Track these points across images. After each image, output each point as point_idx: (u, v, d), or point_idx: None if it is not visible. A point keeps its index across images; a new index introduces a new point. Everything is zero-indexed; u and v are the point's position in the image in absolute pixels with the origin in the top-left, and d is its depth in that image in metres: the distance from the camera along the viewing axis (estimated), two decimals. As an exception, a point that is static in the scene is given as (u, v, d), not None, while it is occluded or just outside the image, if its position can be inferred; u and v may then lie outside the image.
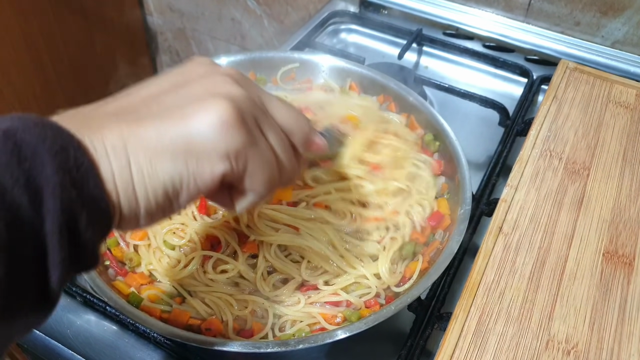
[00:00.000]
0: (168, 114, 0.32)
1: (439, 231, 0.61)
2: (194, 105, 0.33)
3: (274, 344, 0.48)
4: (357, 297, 0.56)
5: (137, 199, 0.31)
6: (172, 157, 0.31)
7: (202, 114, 0.32)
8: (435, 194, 0.65)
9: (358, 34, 1.02)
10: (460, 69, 0.95)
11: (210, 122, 0.32)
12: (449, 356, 0.50)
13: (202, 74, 0.36)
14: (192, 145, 0.32)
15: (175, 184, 0.32)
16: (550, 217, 0.61)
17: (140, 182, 0.31)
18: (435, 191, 0.65)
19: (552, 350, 0.50)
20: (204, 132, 0.32)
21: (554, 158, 0.68)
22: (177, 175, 0.32)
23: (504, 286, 0.55)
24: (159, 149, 0.31)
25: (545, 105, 0.75)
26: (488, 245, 0.58)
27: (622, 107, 0.75)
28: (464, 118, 0.85)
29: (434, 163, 0.67)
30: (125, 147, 0.30)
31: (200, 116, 0.32)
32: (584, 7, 0.89)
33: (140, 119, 0.32)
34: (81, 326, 0.58)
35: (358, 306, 0.56)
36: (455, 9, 0.99)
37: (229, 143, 0.33)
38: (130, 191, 0.31)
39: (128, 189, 0.31)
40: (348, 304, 0.56)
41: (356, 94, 0.76)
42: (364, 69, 0.75)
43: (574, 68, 0.82)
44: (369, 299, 0.56)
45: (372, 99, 0.75)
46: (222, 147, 0.32)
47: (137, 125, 0.31)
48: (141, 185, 0.31)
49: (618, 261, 0.57)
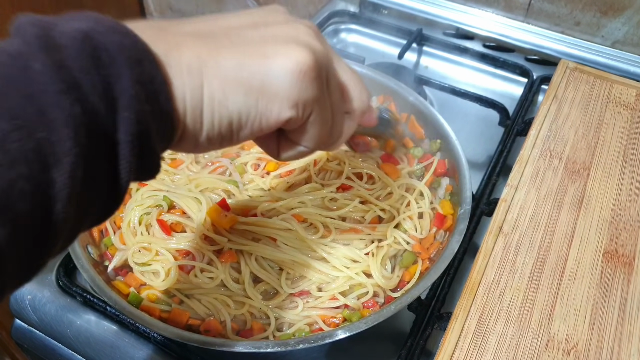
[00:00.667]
0: (249, 49, 0.32)
1: (440, 231, 0.61)
2: (277, 46, 0.33)
3: (274, 344, 0.48)
4: (355, 299, 0.56)
5: (202, 123, 0.32)
6: (245, 92, 0.32)
7: (283, 58, 0.32)
8: (442, 195, 0.65)
9: (358, 34, 1.02)
10: (460, 69, 0.95)
11: (290, 67, 0.32)
12: (449, 356, 0.50)
13: (283, 21, 0.36)
14: (267, 85, 0.32)
15: (242, 118, 0.32)
16: (551, 216, 0.61)
17: (209, 108, 0.31)
18: (428, 202, 0.64)
19: (552, 350, 0.50)
20: (282, 75, 0.32)
21: (554, 158, 0.68)
22: (245, 110, 0.32)
23: (504, 286, 0.55)
24: (234, 80, 0.31)
25: (545, 105, 0.75)
26: (488, 245, 0.58)
27: (622, 106, 0.75)
28: (464, 118, 0.85)
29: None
30: (201, 70, 0.30)
31: (281, 59, 0.32)
32: (584, 7, 0.89)
33: (221, 46, 0.32)
34: (81, 326, 0.58)
35: (356, 308, 0.56)
36: (456, 8, 0.99)
37: (302, 92, 0.33)
38: (197, 114, 0.31)
39: (196, 111, 0.31)
40: (346, 306, 0.56)
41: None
42: (364, 69, 0.75)
43: (574, 68, 0.82)
44: (368, 299, 0.56)
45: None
46: (294, 95, 0.33)
47: (216, 52, 0.31)
48: (209, 111, 0.31)
49: (618, 261, 0.57)
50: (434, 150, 0.68)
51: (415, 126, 0.70)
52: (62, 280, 0.60)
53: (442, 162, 0.67)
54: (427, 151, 0.69)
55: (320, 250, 0.58)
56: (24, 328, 0.62)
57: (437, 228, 0.61)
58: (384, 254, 0.59)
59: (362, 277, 0.57)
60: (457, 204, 0.60)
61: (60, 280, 0.61)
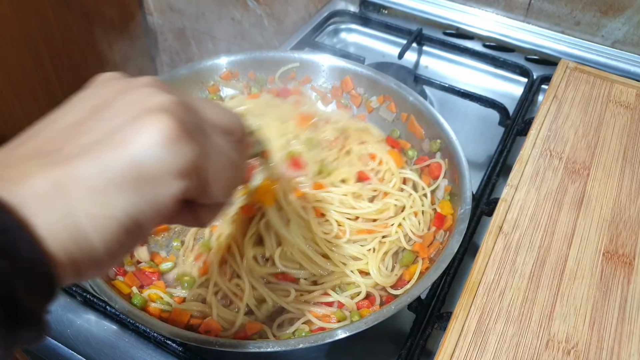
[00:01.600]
0: (102, 144, 0.28)
1: (440, 231, 0.61)
2: (130, 126, 0.29)
3: (274, 343, 0.48)
4: (348, 298, 0.57)
5: (92, 246, 0.27)
6: (121, 190, 0.27)
7: (142, 135, 0.28)
8: (442, 195, 0.65)
9: (358, 34, 1.02)
10: (461, 69, 0.95)
11: (154, 140, 0.28)
12: (449, 356, 0.49)
13: (121, 90, 0.31)
14: (142, 171, 0.28)
15: (133, 217, 0.28)
16: (551, 216, 0.61)
17: (91, 227, 0.27)
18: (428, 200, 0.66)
19: (552, 350, 0.50)
20: (150, 153, 0.28)
21: (554, 158, 0.68)
22: (133, 208, 0.28)
23: (504, 286, 0.55)
24: (103, 185, 0.27)
25: (546, 105, 0.75)
26: (488, 244, 0.58)
27: (622, 106, 0.75)
28: (464, 118, 0.85)
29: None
30: (62, 194, 0.26)
31: (141, 137, 0.28)
32: (584, 6, 0.89)
33: (71, 157, 0.27)
34: (81, 326, 0.58)
35: (350, 307, 0.56)
36: (456, 8, 0.99)
37: (180, 159, 0.29)
38: (81, 240, 0.27)
39: (78, 238, 0.26)
40: (340, 305, 0.57)
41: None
42: (364, 69, 0.75)
43: (574, 68, 0.82)
44: (361, 299, 0.57)
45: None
46: (174, 165, 0.29)
47: (67, 166, 0.27)
48: (93, 230, 0.27)
49: (618, 261, 0.57)
50: (433, 151, 0.68)
51: (415, 126, 0.70)
52: (62, 280, 0.60)
53: (437, 165, 0.67)
54: (427, 151, 0.69)
55: (323, 247, 0.59)
56: (24, 328, 0.62)
57: (437, 228, 0.61)
58: (385, 250, 0.60)
59: (357, 276, 0.58)
60: (457, 204, 0.60)
61: (60, 280, 0.60)
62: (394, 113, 0.73)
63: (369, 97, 0.75)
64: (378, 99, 0.74)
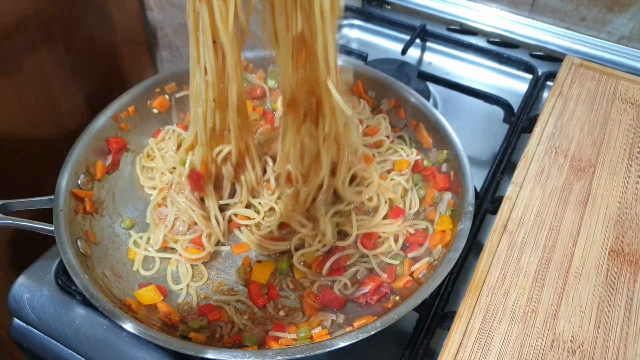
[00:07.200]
0: None
1: (438, 247, 0.60)
2: None
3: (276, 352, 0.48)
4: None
5: None
6: None
7: None
8: (444, 210, 0.65)
9: (361, 30, 1.02)
10: (464, 65, 0.94)
11: None
12: (453, 356, 0.49)
13: None
14: None
15: None
16: (556, 215, 0.60)
17: None
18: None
19: (557, 350, 0.50)
20: None
21: (559, 155, 0.67)
22: None
23: (508, 285, 0.54)
24: None
25: (551, 102, 0.74)
26: (492, 243, 0.57)
27: (629, 103, 0.75)
28: (468, 115, 0.84)
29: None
30: None
31: None
32: (590, 2, 0.88)
33: None
34: (80, 325, 0.58)
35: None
36: (460, 4, 0.98)
37: None
38: None
39: None
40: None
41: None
42: (364, 69, 0.74)
43: (580, 64, 0.81)
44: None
45: None
46: None
47: None
48: None
49: (624, 259, 0.57)
50: (440, 161, 0.68)
51: (423, 135, 0.70)
52: (61, 279, 0.60)
53: (444, 177, 0.66)
54: (434, 161, 0.69)
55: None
56: (22, 327, 0.62)
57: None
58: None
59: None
60: (457, 218, 0.59)
61: (59, 279, 0.60)
62: (404, 120, 0.72)
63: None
64: (389, 102, 0.74)
